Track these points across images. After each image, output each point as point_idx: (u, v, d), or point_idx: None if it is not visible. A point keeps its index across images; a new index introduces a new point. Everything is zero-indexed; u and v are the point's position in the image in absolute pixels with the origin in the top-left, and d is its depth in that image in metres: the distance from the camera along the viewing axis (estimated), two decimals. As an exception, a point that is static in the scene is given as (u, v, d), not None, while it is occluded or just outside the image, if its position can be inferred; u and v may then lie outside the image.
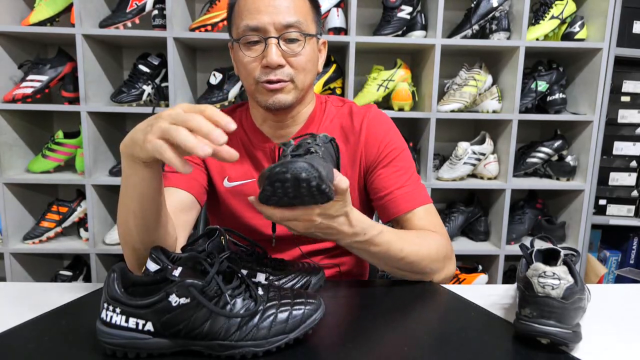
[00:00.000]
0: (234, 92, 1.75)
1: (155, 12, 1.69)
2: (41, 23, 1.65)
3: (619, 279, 1.97)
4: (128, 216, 0.69)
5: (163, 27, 1.69)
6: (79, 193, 1.82)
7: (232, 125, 0.54)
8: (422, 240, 0.81)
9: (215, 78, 1.74)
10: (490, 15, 1.74)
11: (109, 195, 1.83)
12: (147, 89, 1.73)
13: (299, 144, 0.64)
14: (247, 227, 0.93)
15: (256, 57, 0.83)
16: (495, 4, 1.73)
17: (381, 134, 0.91)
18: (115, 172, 1.75)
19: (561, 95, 1.83)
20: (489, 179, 1.87)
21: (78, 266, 1.92)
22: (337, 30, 1.72)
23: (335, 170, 0.63)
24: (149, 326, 0.53)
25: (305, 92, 0.89)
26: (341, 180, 0.63)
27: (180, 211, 0.85)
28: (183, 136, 0.52)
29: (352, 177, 0.92)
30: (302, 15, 0.83)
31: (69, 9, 1.68)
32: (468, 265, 1.99)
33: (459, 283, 1.90)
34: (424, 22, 1.77)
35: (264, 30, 0.81)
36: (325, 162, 0.61)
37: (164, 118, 0.55)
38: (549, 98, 1.84)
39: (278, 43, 0.81)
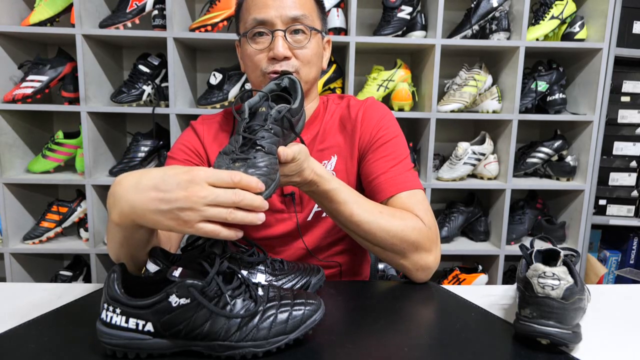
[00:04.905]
0: (234, 92, 1.75)
1: (155, 12, 1.69)
2: (41, 23, 1.65)
3: (619, 279, 1.97)
4: (126, 258, 0.71)
5: (163, 27, 1.69)
6: (79, 193, 1.82)
7: (262, 185, 0.56)
8: (389, 215, 0.79)
9: (215, 78, 1.74)
10: (490, 15, 1.74)
11: (109, 195, 1.83)
12: (147, 89, 1.73)
13: (250, 127, 0.63)
14: (250, 225, 0.93)
15: (263, 49, 0.85)
16: (495, 4, 1.73)
17: (374, 120, 0.92)
18: (116, 172, 1.75)
19: (561, 95, 1.83)
20: (489, 179, 1.87)
21: (78, 266, 1.92)
22: (337, 30, 1.72)
23: (280, 147, 0.64)
24: (149, 327, 0.53)
25: (310, 85, 0.91)
26: (285, 153, 0.64)
27: None
28: (241, 217, 0.55)
29: (351, 166, 0.92)
30: (308, 10, 0.86)
31: (69, 9, 1.68)
32: (468, 265, 1.99)
33: (459, 283, 1.90)
34: (424, 22, 1.77)
35: (271, 23, 0.83)
36: (267, 152, 0.61)
37: (198, 201, 0.53)
38: (549, 98, 1.83)
39: (284, 36, 0.83)
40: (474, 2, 1.74)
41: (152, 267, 0.66)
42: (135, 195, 0.56)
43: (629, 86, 1.84)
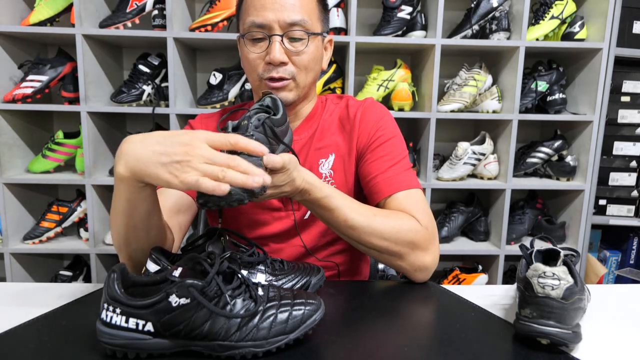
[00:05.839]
0: (234, 92, 1.75)
1: (155, 12, 1.69)
2: (41, 23, 1.65)
3: (619, 279, 1.97)
4: (128, 232, 0.70)
5: (163, 27, 1.69)
6: (79, 193, 1.82)
7: (263, 149, 0.59)
8: (383, 217, 0.79)
9: (215, 78, 1.74)
10: (490, 15, 1.74)
11: (109, 195, 1.82)
12: (147, 89, 1.73)
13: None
14: (248, 223, 0.93)
15: (260, 54, 0.85)
16: (495, 4, 1.73)
17: (373, 120, 0.92)
18: (115, 172, 1.74)
19: (561, 95, 1.83)
20: (489, 179, 1.87)
21: (78, 266, 1.92)
22: (337, 30, 1.72)
23: (268, 155, 0.64)
24: (149, 326, 0.53)
25: (308, 89, 0.91)
26: (273, 160, 0.64)
27: (176, 212, 0.86)
28: (232, 177, 0.56)
29: (349, 166, 0.93)
30: (307, 13, 0.84)
31: (69, 9, 1.68)
32: (468, 265, 1.99)
33: (459, 283, 1.90)
34: (424, 22, 1.77)
35: (269, 27, 0.83)
36: (249, 155, 0.62)
37: (195, 157, 0.57)
38: (549, 98, 1.83)
39: (282, 41, 0.83)
40: (474, 2, 1.74)
41: (152, 267, 0.66)
42: (140, 148, 0.60)
43: (629, 86, 1.84)
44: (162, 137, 0.60)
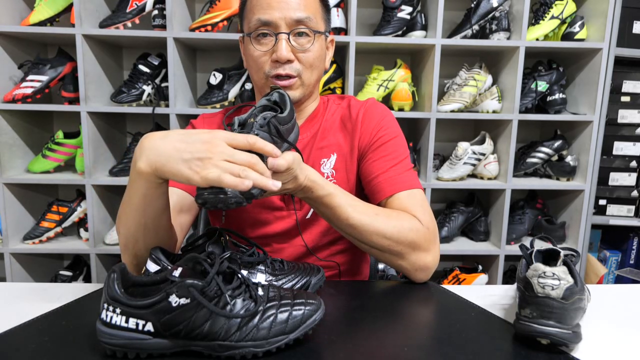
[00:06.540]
0: (234, 92, 1.75)
1: (155, 12, 1.69)
2: (41, 23, 1.65)
3: (619, 279, 1.97)
4: (138, 229, 0.71)
5: (163, 27, 1.69)
6: (79, 193, 1.82)
7: (277, 152, 0.62)
8: (385, 217, 0.79)
9: (215, 78, 1.74)
10: (490, 15, 1.74)
11: (109, 195, 1.83)
12: (147, 89, 1.73)
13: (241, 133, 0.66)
14: (250, 222, 0.93)
15: (266, 52, 0.85)
16: (495, 4, 1.73)
17: (375, 120, 0.92)
18: (116, 172, 1.74)
19: (561, 95, 1.83)
20: (489, 179, 1.87)
21: (78, 266, 1.92)
22: (337, 30, 1.72)
23: (271, 159, 0.64)
24: (149, 326, 0.53)
25: (312, 87, 0.92)
26: (278, 164, 0.64)
27: (178, 212, 0.86)
28: (255, 176, 0.58)
29: (351, 165, 0.93)
30: (312, 12, 0.85)
31: (69, 9, 1.68)
32: (468, 265, 1.99)
33: (459, 283, 1.90)
34: (424, 22, 1.77)
35: (275, 25, 0.83)
36: (254, 153, 0.62)
37: (217, 154, 0.58)
38: (549, 98, 1.83)
39: (288, 39, 0.83)
40: (474, 2, 1.74)
41: (152, 267, 0.66)
42: (163, 144, 0.61)
43: (629, 86, 1.84)
44: (183, 134, 0.61)
